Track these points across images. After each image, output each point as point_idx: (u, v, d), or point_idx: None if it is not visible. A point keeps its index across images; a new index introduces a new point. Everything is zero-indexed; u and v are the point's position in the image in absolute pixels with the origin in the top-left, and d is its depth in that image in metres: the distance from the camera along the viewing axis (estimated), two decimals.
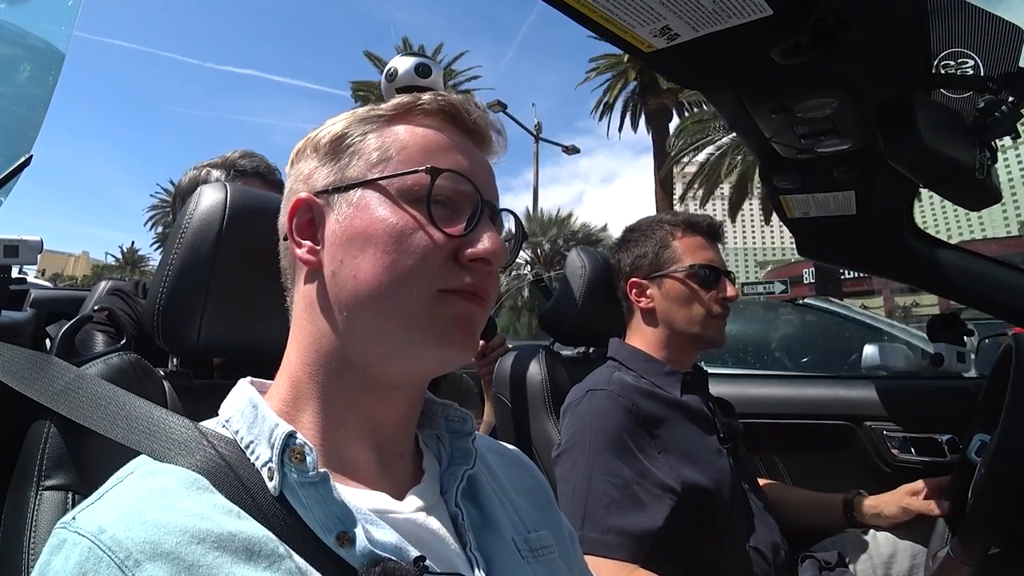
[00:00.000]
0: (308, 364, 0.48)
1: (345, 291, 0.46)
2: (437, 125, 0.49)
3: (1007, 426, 0.87)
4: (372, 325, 0.45)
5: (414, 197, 0.46)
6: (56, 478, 0.56)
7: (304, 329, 0.48)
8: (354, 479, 0.46)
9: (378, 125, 0.49)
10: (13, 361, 0.60)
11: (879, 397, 1.49)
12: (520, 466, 0.62)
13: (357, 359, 0.46)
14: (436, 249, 0.45)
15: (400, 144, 0.48)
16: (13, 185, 1.17)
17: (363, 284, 0.45)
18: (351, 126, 0.49)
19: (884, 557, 1.12)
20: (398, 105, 0.49)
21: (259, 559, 0.38)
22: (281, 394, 0.48)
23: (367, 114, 0.50)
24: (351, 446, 0.47)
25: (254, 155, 1.21)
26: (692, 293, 1.15)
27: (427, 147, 0.47)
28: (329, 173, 0.49)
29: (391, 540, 0.42)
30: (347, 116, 0.51)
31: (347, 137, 0.49)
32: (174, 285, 0.65)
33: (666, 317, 1.18)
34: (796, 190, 1.21)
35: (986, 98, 0.87)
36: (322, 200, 0.48)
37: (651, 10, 0.69)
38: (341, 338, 0.46)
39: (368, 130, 0.49)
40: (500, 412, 1.32)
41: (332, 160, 0.49)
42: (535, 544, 0.52)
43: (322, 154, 0.50)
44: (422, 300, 0.45)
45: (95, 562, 0.35)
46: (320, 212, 0.48)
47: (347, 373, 0.47)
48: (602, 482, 0.96)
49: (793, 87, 0.87)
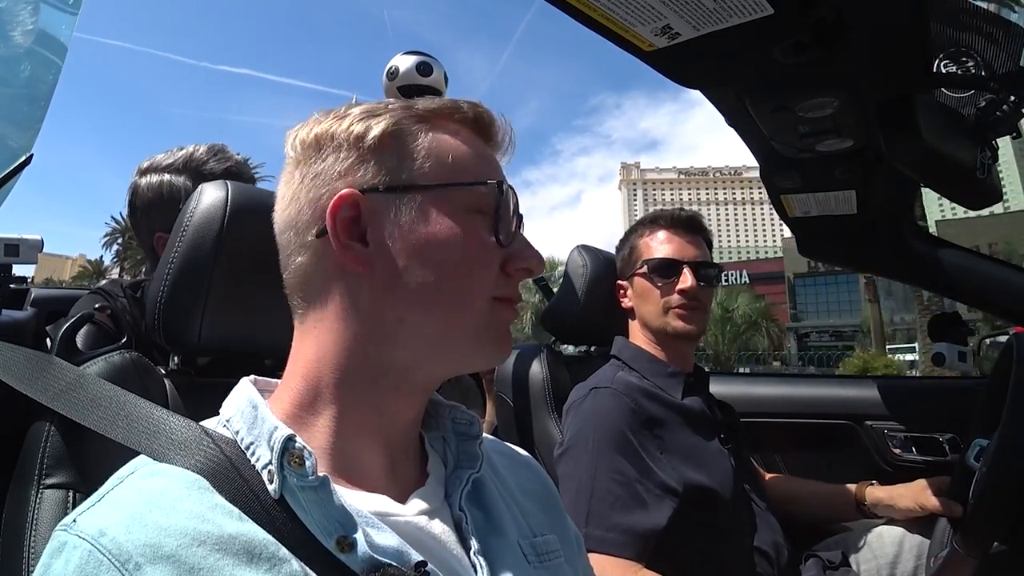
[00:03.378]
0: (337, 368, 0.46)
1: (404, 298, 0.45)
2: (471, 134, 0.50)
3: (1008, 425, 0.87)
4: (435, 331, 0.46)
5: (476, 208, 0.47)
6: (57, 477, 0.56)
7: (336, 332, 0.46)
8: (363, 481, 0.45)
9: (426, 127, 0.48)
10: (13, 361, 0.60)
11: (880, 396, 1.49)
12: (527, 468, 0.61)
13: (399, 363, 0.46)
14: (494, 259, 0.47)
15: (453, 151, 0.47)
16: (13, 185, 1.17)
17: (430, 292, 0.45)
18: (400, 123, 0.47)
19: (888, 557, 1.12)
20: (438, 109, 0.48)
21: (260, 562, 0.38)
22: (294, 396, 0.46)
23: (408, 112, 0.48)
24: (365, 449, 0.46)
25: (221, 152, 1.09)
26: (651, 287, 1.17)
27: (476, 158, 0.49)
28: (378, 171, 0.46)
29: (392, 544, 0.41)
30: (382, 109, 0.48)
31: (399, 135, 0.47)
32: (175, 284, 0.65)
33: (639, 314, 1.21)
34: (797, 189, 1.21)
35: (987, 97, 0.88)
36: (370, 199, 0.45)
37: (652, 9, 0.69)
38: (387, 343, 0.45)
39: (417, 130, 0.47)
40: (502, 411, 1.32)
41: (380, 158, 0.46)
42: (541, 548, 0.52)
43: (366, 149, 0.46)
44: (484, 308, 0.47)
45: (95, 565, 0.35)
46: (369, 212, 0.45)
47: (383, 378, 0.46)
48: (606, 480, 0.96)
49: (794, 86, 0.87)
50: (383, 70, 1.49)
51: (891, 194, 1.21)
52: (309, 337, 0.47)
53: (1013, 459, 0.84)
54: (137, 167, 1.08)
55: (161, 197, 1.03)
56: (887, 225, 1.30)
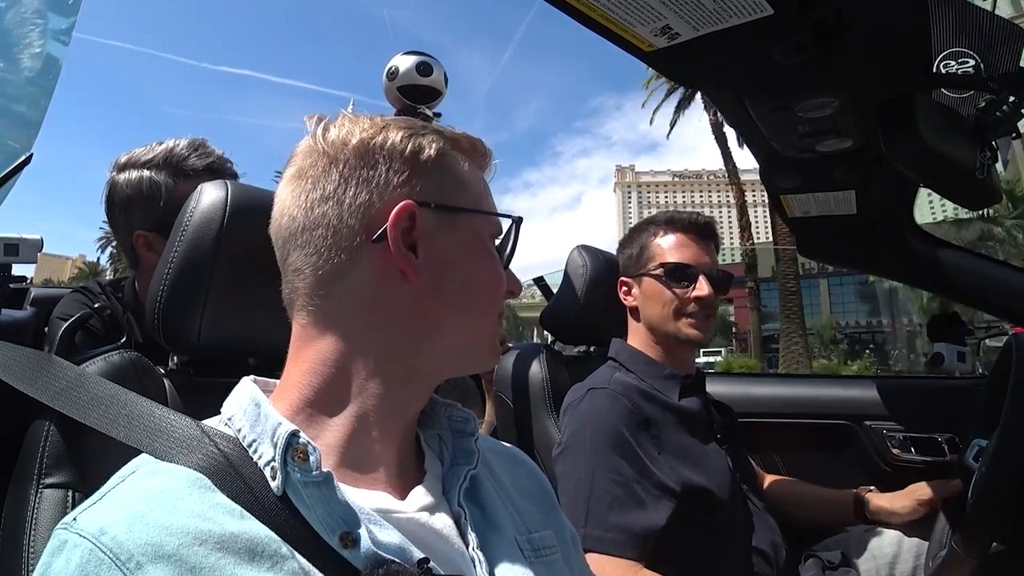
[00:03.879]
0: (364, 369, 0.47)
1: (446, 310, 0.49)
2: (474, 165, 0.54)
3: (1007, 425, 0.87)
4: (464, 341, 0.51)
5: (494, 234, 0.53)
6: (56, 476, 0.56)
7: (367, 334, 0.47)
8: (372, 476, 0.46)
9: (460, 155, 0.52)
10: (14, 360, 0.60)
11: (879, 396, 1.49)
12: (521, 466, 0.62)
13: (425, 368, 0.50)
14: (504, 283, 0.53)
15: (477, 181, 0.53)
16: (13, 185, 1.17)
17: (467, 306, 0.50)
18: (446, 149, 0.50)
19: (888, 557, 1.12)
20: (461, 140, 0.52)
21: (262, 560, 0.38)
22: (305, 393, 0.47)
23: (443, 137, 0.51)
24: (379, 446, 0.47)
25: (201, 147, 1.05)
26: (664, 291, 1.16)
27: (486, 190, 0.54)
28: (429, 189, 0.48)
29: (395, 541, 0.42)
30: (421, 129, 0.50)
31: (446, 158, 0.50)
32: (174, 283, 0.65)
33: (645, 315, 1.20)
34: (796, 189, 1.21)
35: (987, 97, 0.88)
36: (425, 214, 0.48)
37: (652, 9, 0.69)
38: (422, 348, 0.48)
39: (458, 157, 0.51)
40: (501, 411, 1.32)
41: (430, 176, 0.49)
42: (538, 544, 0.52)
43: (422, 165, 0.48)
44: (496, 322, 0.54)
45: (96, 564, 0.35)
46: (424, 226, 0.47)
47: (411, 381, 0.49)
48: (605, 480, 0.96)
49: (794, 86, 0.87)
50: (383, 71, 1.48)
51: (891, 194, 1.21)
52: (328, 336, 0.47)
53: (1012, 459, 0.84)
54: (114, 161, 1.04)
55: (140, 194, 0.99)
56: (887, 225, 1.30)
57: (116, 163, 1.03)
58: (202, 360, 0.74)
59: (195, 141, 1.05)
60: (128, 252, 1.04)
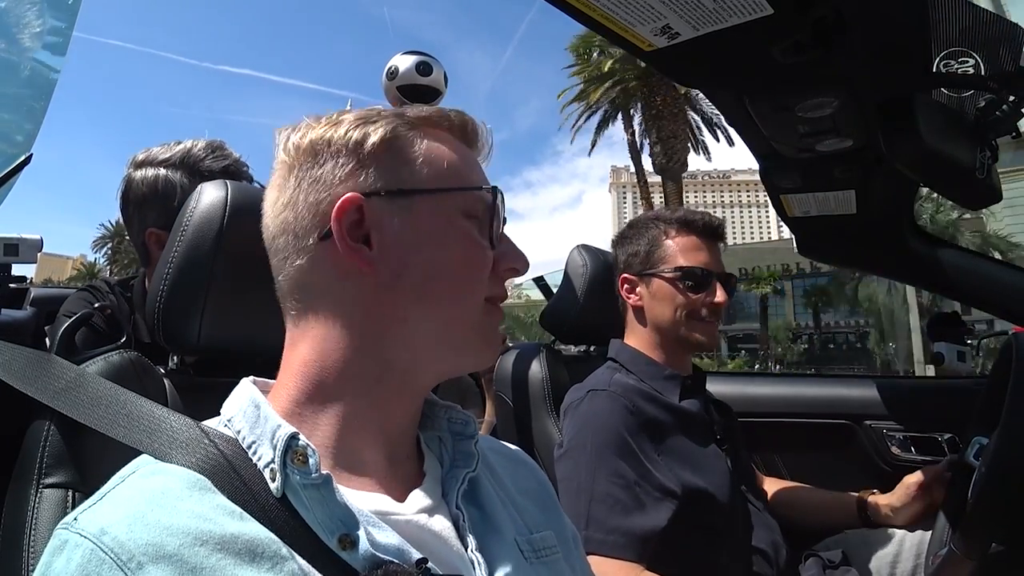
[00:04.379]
0: (341, 366, 0.46)
1: (407, 299, 0.46)
2: (457, 141, 0.52)
3: (1008, 424, 0.87)
4: (435, 332, 0.47)
5: (470, 212, 0.49)
6: (56, 476, 0.56)
7: (336, 333, 0.47)
8: (364, 478, 0.46)
9: (418, 134, 0.49)
10: (13, 360, 0.60)
11: (879, 396, 1.49)
12: (523, 466, 0.62)
13: (401, 363, 0.47)
14: (488, 262, 0.50)
15: (447, 157, 0.49)
16: (13, 184, 1.17)
17: (431, 293, 0.47)
18: (396, 130, 0.48)
19: (888, 557, 1.12)
20: (427, 117, 0.50)
21: (262, 561, 0.38)
22: (293, 395, 0.47)
23: (400, 119, 0.49)
24: (365, 448, 0.47)
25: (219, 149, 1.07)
26: (678, 295, 1.13)
27: (466, 164, 0.51)
28: (379, 177, 0.47)
29: (393, 542, 0.42)
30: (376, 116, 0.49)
31: (396, 141, 0.48)
32: (174, 283, 0.65)
33: (652, 317, 1.17)
34: (796, 189, 1.21)
35: (987, 97, 0.88)
36: (373, 203, 0.47)
37: (651, 9, 0.69)
38: (390, 342, 0.47)
39: (412, 137, 0.49)
40: (501, 411, 1.32)
41: (378, 163, 0.47)
42: (538, 545, 0.52)
43: (366, 155, 0.47)
44: (478, 308, 0.49)
45: (97, 564, 0.35)
46: (372, 215, 0.47)
47: (386, 378, 0.47)
48: (606, 482, 0.96)
49: (794, 86, 0.87)
50: (383, 70, 1.48)
51: (891, 194, 1.21)
52: (307, 337, 0.48)
53: (1012, 459, 0.84)
54: (132, 159, 1.05)
55: (155, 192, 1.00)
56: (887, 225, 1.30)
57: (134, 160, 1.04)
58: (209, 360, 0.74)
59: (213, 143, 1.06)
60: (140, 249, 1.05)
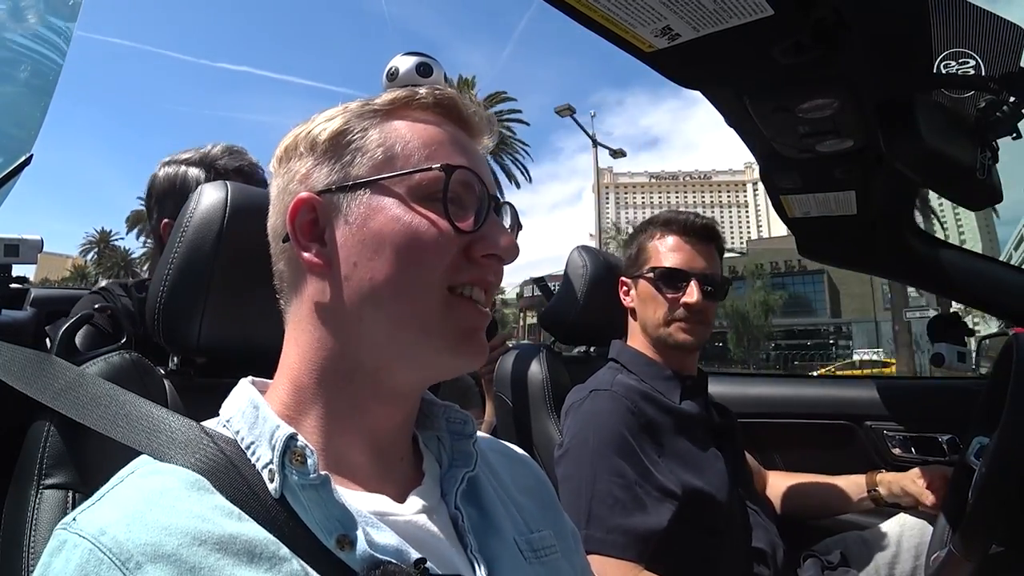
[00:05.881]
0: (314, 369, 0.46)
1: (359, 295, 0.45)
2: (435, 119, 0.49)
3: (1008, 425, 0.87)
4: (388, 329, 0.45)
5: (425, 195, 0.45)
6: (56, 477, 0.56)
7: (309, 333, 0.47)
8: (354, 482, 0.46)
9: (377, 120, 0.48)
10: (13, 360, 0.60)
11: (879, 396, 1.49)
12: (522, 465, 0.62)
13: (368, 364, 0.46)
14: (449, 246, 0.45)
15: (403, 140, 0.47)
16: (13, 185, 1.17)
17: (379, 287, 0.44)
18: (350, 122, 0.47)
19: (887, 557, 1.12)
20: (395, 99, 0.48)
21: (260, 561, 0.38)
22: (282, 397, 0.47)
23: (363, 109, 0.48)
24: (352, 450, 0.47)
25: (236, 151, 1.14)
26: (658, 295, 1.14)
27: (431, 143, 0.47)
28: (331, 172, 0.47)
29: (391, 543, 0.42)
30: (340, 111, 0.49)
31: (347, 133, 0.47)
32: (174, 284, 0.65)
33: (640, 317, 1.19)
34: (796, 190, 1.21)
35: (987, 98, 0.87)
36: (325, 200, 0.46)
37: (652, 10, 0.69)
38: (352, 343, 0.46)
39: (368, 125, 0.47)
40: (501, 411, 1.32)
41: (332, 158, 0.47)
42: (537, 544, 0.52)
43: (320, 152, 0.47)
44: (435, 302, 0.45)
45: (96, 564, 0.35)
46: (325, 213, 0.46)
47: (357, 377, 0.46)
48: (607, 482, 0.96)
49: (794, 87, 0.87)
50: (383, 68, 1.48)
51: (891, 194, 1.20)
52: (291, 339, 0.49)
53: (1013, 459, 0.84)
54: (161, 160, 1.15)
55: (173, 187, 1.09)
56: (887, 225, 1.30)
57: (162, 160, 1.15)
58: (209, 360, 0.73)
59: (231, 146, 1.15)
60: (156, 239, 1.13)
